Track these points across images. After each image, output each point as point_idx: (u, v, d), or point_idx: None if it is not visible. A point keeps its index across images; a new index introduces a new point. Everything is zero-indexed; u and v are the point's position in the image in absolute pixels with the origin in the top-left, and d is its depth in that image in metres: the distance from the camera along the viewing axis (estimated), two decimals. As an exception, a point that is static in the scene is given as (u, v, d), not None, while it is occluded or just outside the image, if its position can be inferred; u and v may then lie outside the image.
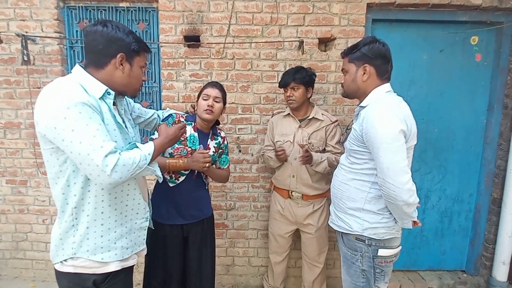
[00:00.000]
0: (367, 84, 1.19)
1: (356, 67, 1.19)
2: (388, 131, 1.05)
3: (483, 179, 2.21)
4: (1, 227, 2.17)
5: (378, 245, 1.18)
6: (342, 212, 1.26)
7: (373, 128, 1.08)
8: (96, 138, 0.84)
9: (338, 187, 1.29)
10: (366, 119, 1.12)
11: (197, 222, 1.49)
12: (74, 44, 2.05)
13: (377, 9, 1.98)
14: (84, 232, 0.97)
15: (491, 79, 2.12)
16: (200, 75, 2.00)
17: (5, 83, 2.00)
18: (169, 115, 1.47)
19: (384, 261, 1.19)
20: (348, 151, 1.25)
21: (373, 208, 1.18)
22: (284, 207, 1.82)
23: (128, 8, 2.00)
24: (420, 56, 2.08)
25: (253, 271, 2.24)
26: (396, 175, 1.04)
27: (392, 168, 1.04)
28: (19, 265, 2.22)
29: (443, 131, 2.17)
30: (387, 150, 1.05)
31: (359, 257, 1.21)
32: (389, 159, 1.05)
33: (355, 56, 1.19)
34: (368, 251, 1.19)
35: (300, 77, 1.65)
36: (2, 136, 2.05)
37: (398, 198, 1.05)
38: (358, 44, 1.20)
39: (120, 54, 0.95)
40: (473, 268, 2.29)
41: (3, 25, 1.94)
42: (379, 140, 1.06)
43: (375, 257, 1.19)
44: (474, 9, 1.99)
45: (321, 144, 1.72)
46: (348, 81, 1.24)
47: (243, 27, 1.94)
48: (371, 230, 1.17)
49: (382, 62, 1.17)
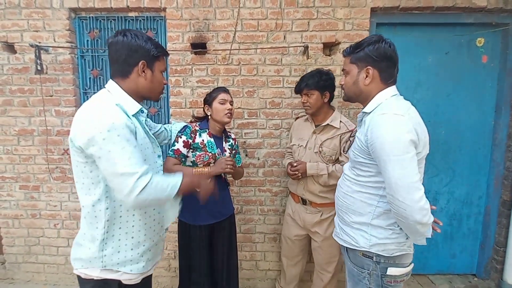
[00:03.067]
0: (370, 88, 1.06)
1: (358, 69, 1.07)
2: (396, 141, 0.93)
3: (492, 181, 2.18)
4: (14, 232, 2.22)
5: (387, 263, 1.06)
6: (347, 226, 1.14)
7: (379, 139, 0.95)
8: (130, 160, 0.90)
9: (343, 199, 1.16)
10: (371, 128, 0.99)
11: (225, 219, 1.61)
12: (85, 53, 2.11)
13: (381, 13, 2.00)
14: (116, 245, 1.00)
15: (498, 81, 2.11)
16: (206, 81, 2.03)
17: (19, 91, 2.06)
18: (185, 127, 1.52)
19: (394, 281, 1.06)
20: (353, 162, 1.12)
21: (382, 223, 1.05)
22: (294, 211, 1.81)
23: (136, 18, 2.06)
24: (425, 59, 2.08)
25: (260, 275, 2.24)
26: (407, 191, 0.91)
27: (402, 184, 0.92)
28: (31, 269, 2.27)
29: (451, 133, 2.16)
30: (395, 163, 0.92)
31: (366, 275, 1.08)
32: (398, 174, 0.92)
33: (357, 57, 1.06)
34: (376, 269, 1.07)
35: (313, 82, 1.58)
36: (16, 143, 2.12)
37: (409, 217, 0.93)
38: (362, 43, 1.06)
39: (142, 61, 0.99)
40: (483, 272, 2.26)
41: (17, 35, 2.01)
42: (386, 152, 0.93)
43: (384, 276, 1.06)
44: (479, 11, 1.99)
45: (334, 153, 1.62)
46: (348, 84, 1.12)
47: (248, 34, 1.98)
48: (380, 246, 1.05)
49: (387, 65, 1.04)
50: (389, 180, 0.95)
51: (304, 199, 1.73)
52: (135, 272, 1.03)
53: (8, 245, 2.24)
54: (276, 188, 2.14)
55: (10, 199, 2.18)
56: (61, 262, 2.24)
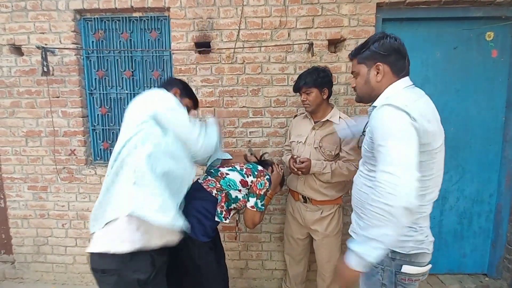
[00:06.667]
0: (382, 84, 1.05)
1: (367, 67, 1.07)
2: (396, 122, 0.90)
3: (503, 179, 2.13)
4: (23, 232, 2.26)
5: (403, 260, 1.02)
6: (362, 221, 1.12)
7: (379, 122, 0.94)
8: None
9: (357, 195, 1.15)
10: (372, 116, 0.99)
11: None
12: (90, 54, 2.13)
13: (387, 9, 1.96)
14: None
15: (508, 75, 2.05)
16: (211, 80, 2.03)
17: (27, 93, 2.09)
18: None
19: (408, 279, 1.03)
20: (364, 157, 1.11)
21: None
22: (294, 209, 1.80)
23: (141, 18, 2.06)
24: (433, 54, 2.04)
25: (266, 275, 2.23)
26: (405, 168, 0.85)
27: (402, 160, 0.86)
28: (40, 269, 2.30)
29: (460, 130, 2.11)
30: (396, 142, 0.88)
31: (380, 270, 1.05)
32: (399, 152, 0.87)
33: (364, 56, 1.07)
34: (391, 265, 1.03)
35: (311, 80, 1.58)
36: (24, 144, 2.15)
37: (398, 196, 0.83)
38: (367, 42, 1.07)
39: (176, 88, 1.35)
40: (495, 271, 2.21)
41: (24, 38, 2.04)
42: (386, 133, 0.90)
43: (398, 273, 1.03)
44: (488, 4, 1.94)
45: (334, 148, 1.62)
46: (360, 84, 1.10)
47: (252, 32, 1.97)
48: (396, 243, 1.00)
49: (396, 58, 1.03)
50: (385, 157, 0.88)
51: (304, 197, 1.72)
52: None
53: (17, 245, 2.28)
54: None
55: (19, 200, 2.21)
56: (69, 262, 2.27)
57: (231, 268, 2.21)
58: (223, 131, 1.69)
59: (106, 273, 1.04)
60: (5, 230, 2.32)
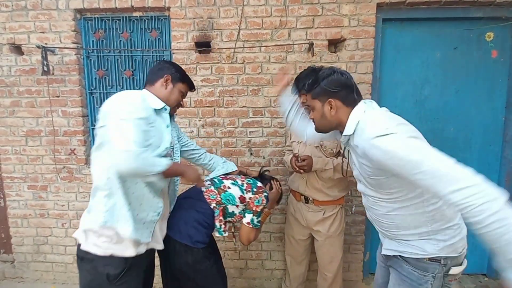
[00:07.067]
0: (338, 116, 1.09)
1: (321, 102, 1.12)
2: (408, 146, 0.88)
3: (503, 179, 2.13)
4: (23, 231, 2.26)
5: (453, 263, 1.04)
6: (404, 240, 1.09)
7: (395, 159, 0.89)
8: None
9: (387, 220, 1.11)
10: (376, 156, 0.94)
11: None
12: (91, 53, 2.13)
13: (387, 9, 1.96)
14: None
15: (508, 76, 2.05)
16: (211, 80, 2.03)
17: (27, 93, 2.09)
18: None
19: (453, 279, 1.06)
20: (374, 186, 1.07)
21: (442, 224, 1.01)
22: (296, 210, 1.80)
23: (141, 17, 2.06)
24: (433, 54, 2.04)
25: (266, 274, 2.23)
26: (460, 170, 0.82)
27: (447, 167, 0.83)
28: (40, 268, 2.30)
29: (460, 130, 2.11)
30: (430, 160, 0.85)
31: (430, 278, 1.04)
32: (435, 162, 0.84)
33: (317, 92, 1.12)
34: (441, 271, 1.04)
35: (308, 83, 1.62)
36: (24, 144, 2.15)
37: (490, 198, 0.78)
38: (317, 79, 1.12)
39: (167, 75, 1.25)
40: (494, 272, 2.21)
41: (24, 37, 2.04)
42: (409, 160, 0.86)
43: (446, 276, 1.05)
44: (488, 5, 1.94)
45: (335, 146, 1.63)
46: (317, 118, 1.16)
47: (252, 32, 1.97)
48: (449, 248, 1.01)
49: (346, 92, 1.08)
50: (442, 178, 0.82)
51: (306, 197, 1.72)
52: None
53: (17, 244, 2.28)
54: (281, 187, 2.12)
55: (19, 199, 2.21)
56: (69, 261, 2.27)
57: (231, 268, 2.21)
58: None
59: (83, 260, 1.12)
60: (4, 229, 2.32)
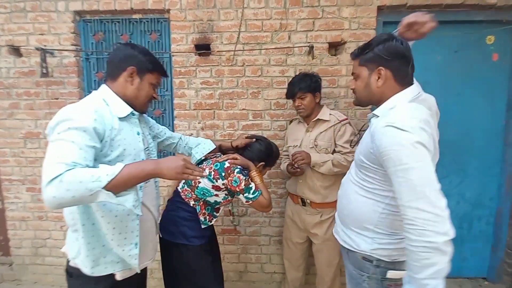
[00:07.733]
0: (383, 90, 0.98)
1: (368, 70, 1.00)
2: (409, 150, 0.82)
3: (504, 183, 2.13)
4: (21, 234, 2.24)
5: (387, 267, 1.00)
6: (348, 229, 1.09)
7: (387, 146, 0.86)
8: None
9: (346, 202, 1.10)
10: (378, 138, 0.90)
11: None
12: (90, 56, 2.12)
13: (388, 12, 1.96)
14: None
15: (509, 79, 2.05)
16: (211, 83, 2.02)
17: (25, 94, 2.08)
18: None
19: (394, 284, 1.00)
20: (358, 165, 1.05)
21: (386, 229, 0.99)
22: (293, 212, 1.80)
23: (140, 20, 2.05)
24: (434, 57, 2.04)
25: (266, 278, 2.22)
26: (435, 199, 0.80)
27: (427, 192, 0.80)
28: (38, 271, 2.28)
29: (461, 134, 2.11)
30: (415, 173, 0.81)
31: (366, 278, 1.04)
32: (422, 183, 0.80)
33: (367, 58, 0.99)
34: (376, 272, 1.02)
35: (305, 86, 1.62)
36: (23, 146, 2.13)
37: (439, 231, 0.78)
38: (370, 43, 0.99)
39: (131, 67, 1.01)
40: (495, 275, 2.20)
41: (23, 39, 2.03)
42: (400, 161, 0.83)
43: (384, 280, 1.01)
44: (489, 8, 1.94)
45: (330, 145, 1.66)
46: (360, 88, 1.04)
47: (252, 34, 1.96)
48: (382, 251, 1.00)
49: (400, 63, 0.96)
50: (411, 192, 0.81)
51: (303, 200, 1.72)
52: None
53: (15, 246, 2.26)
54: (281, 190, 2.11)
55: (17, 201, 2.20)
56: (67, 264, 2.25)
57: (230, 271, 2.20)
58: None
59: (72, 276, 1.08)
60: (3, 231, 2.30)
